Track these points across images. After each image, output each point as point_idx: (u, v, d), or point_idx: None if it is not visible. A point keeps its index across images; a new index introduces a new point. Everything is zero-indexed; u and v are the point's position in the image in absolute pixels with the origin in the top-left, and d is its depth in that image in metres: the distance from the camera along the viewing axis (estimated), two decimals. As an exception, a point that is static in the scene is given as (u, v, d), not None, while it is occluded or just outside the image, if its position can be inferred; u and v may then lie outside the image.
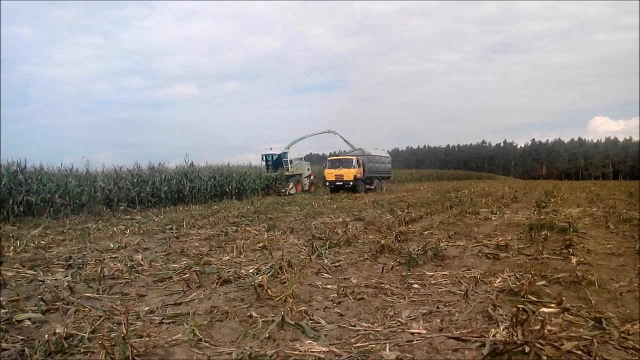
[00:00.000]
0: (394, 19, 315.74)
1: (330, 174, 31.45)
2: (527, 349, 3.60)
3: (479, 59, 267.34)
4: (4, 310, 5.18)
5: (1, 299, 5.65)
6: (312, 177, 36.43)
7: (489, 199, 21.25)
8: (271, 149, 34.68)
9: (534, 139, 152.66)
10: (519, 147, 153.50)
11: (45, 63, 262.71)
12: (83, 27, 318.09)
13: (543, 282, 5.98)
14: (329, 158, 33.86)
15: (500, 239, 9.43)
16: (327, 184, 32.06)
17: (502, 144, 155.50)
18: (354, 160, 31.13)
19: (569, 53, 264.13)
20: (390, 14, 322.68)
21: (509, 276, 6.29)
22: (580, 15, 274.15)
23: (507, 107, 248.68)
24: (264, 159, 34.69)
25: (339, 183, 30.86)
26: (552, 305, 4.91)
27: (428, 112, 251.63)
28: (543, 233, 9.62)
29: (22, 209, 17.20)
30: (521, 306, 4.66)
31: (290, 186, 32.08)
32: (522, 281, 5.77)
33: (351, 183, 30.44)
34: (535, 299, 5.16)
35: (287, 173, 33.14)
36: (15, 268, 7.61)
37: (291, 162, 34.07)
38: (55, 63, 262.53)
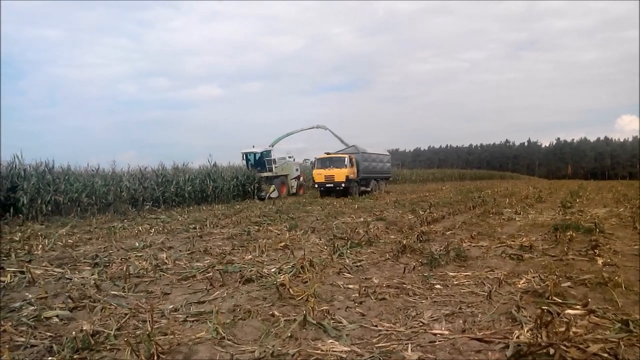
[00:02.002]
0: (417, 17, 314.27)
1: (319, 174, 27.77)
2: (551, 351, 3.56)
3: (503, 57, 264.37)
4: (32, 308, 5.32)
5: (30, 296, 5.81)
6: (301, 179, 32.82)
7: (513, 199, 20.98)
8: (253, 146, 30.53)
9: (559, 138, 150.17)
10: (543, 146, 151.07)
11: (72, 64, 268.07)
12: (109, 28, 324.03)
13: (568, 283, 5.89)
14: (317, 157, 29.08)
15: (524, 239, 9.30)
16: (316, 186, 28.39)
17: (526, 144, 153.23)
18: (346, 159, 27.33)
19: (596, 51, 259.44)
20: (413, 12, 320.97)
21: (533, 277, 6.22)
22: (608, 12, 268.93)
23: (532, 106, 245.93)
24: (245, 157, 30.51)
25: (329, 185, 27.32)
26: (578, 307, 4.83)
27: (451, 111, 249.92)
28: (568, 234, 9.47)
29: (50, 208, 17.59)
30: (546, 308, 4.61)
31: (272, 189, 28.22)
32: (546, 282, 5.70)
33: (343, 185, 26.92)
34: (560, 301, 5.09)
35: (267, 174, 29.34)
36: (44, 266, 7.81)
37: (275, 161, 30.10)
38: (82, 64, 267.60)
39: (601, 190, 30.29)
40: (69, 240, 10.90)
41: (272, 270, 6.95)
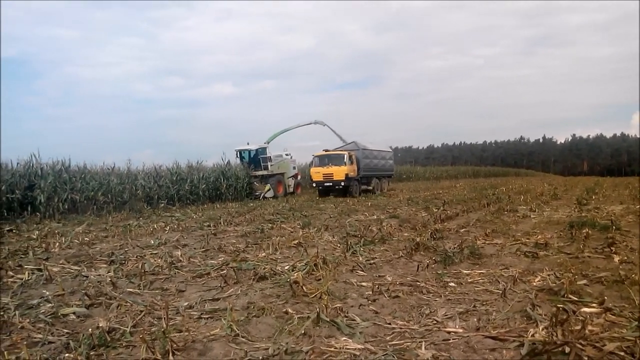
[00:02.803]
0: (430, 14, 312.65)
1: (317, 173, 26.21)
2: (567, 349, 3.53)
3: (518, 53, 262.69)
4: (50, 305, 5.40)
5: (47, 293, 5.89)
6: (298, 177, 31.54)
7: (528, 196, 20.79)
8: (248, 143, 29.21)
9: (574, 135, 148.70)
10: (558, 142, 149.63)
11: (88, 64, 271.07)
12: (124, 28, 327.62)
13: (584, 281, 5.83)
14: (315, 154, 27.46)
15: (539, 237, 9.20)
16: (314, 184, 26.97)
17: (541, 140, 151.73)
18: (345, 156, 25.67)
19: (612, 46, 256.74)
20: (426, 9, 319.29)
21: (549, 275, 6.16)
22: (624, 7, 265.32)
23: (547, 102, 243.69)
24: (239, 155, 29.23)
25: (328, 184, 25.84)
26: (594, 305, 4.78)
27: (464, 107, 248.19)
28: (584, 231, 9.36)
29: (66, 207, 17.83)
30: (561, 306, 4.57)
31: (267, 188, 27.09)
32: (562, 280, 5.64)
33: (342, 183, 25.37)
34: (576, 299, 5.04)
35: (261, 172, 28.03)
36: (61, 264, 7.91)
37: (270, 159, 28.53)
38: (98, 64, 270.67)
39: (617, 187, 29.91)
40: (86, 238, 11.03)
41: (286, 267, 6.97)
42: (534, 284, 5.85)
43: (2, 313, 5.08)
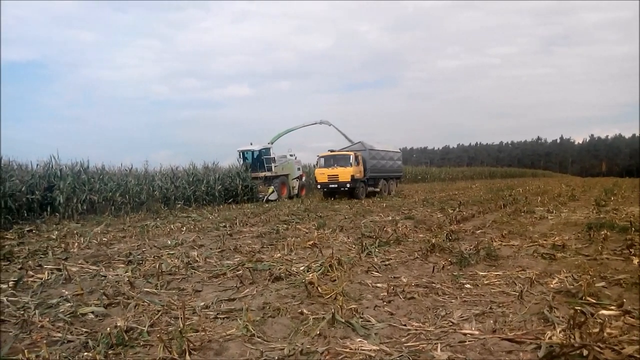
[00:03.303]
0: (446, 13, 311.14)
1: (322, 174, 25.28)
2: (585, 352, 3.50)
3: (535, 52, 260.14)
4: (69, 304, 5.48)
5: (67, 293, 5.99)
6: (303, 179, 30.32)
7: (545, 197, 20.58)
8: (251, 143, 28.05)
9: (592, 135, 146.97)
10: (576, 143, 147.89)
11: (107, 66, 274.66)
12: (143, 30, 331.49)
13: (602, 283, 5.77)
14: (320, 155, 26.37)
15: (557, 238, 9.10)
16: (319, 186, 25.89)
17: (558, 140, 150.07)
18: (351, 157, 24.68)
19: (632, 44, 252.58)
20: (442, 8, 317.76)
21: (566, 277, 6.10)
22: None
23: (565, 102, 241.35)
24: (241, 156, 28.13)
25: (333, 185, 24.89)
26: (612, 307, 4.72)
27: (481, 107, 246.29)
28: (602, 232, 9.24)
29: (85, 207, 18.02)
30: (579, 308, 4.53)
31: (270, 190, 25.93)
32: (580, 282, 5.58)
33: (348, 185, 24.47)
34: (594, 301, 4.99)
35: (264, 173, 26.94)
36: (80, 263, 8.03)
37: (274, 160, 27.51)
38: (116, 66, 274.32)
39: (637, 188, 29.41)
40: (104, 239, 11.15)
41: (301, 268, 6.99)
42: (552, 286, 5.80)
43: (22, 312, 5.18)
